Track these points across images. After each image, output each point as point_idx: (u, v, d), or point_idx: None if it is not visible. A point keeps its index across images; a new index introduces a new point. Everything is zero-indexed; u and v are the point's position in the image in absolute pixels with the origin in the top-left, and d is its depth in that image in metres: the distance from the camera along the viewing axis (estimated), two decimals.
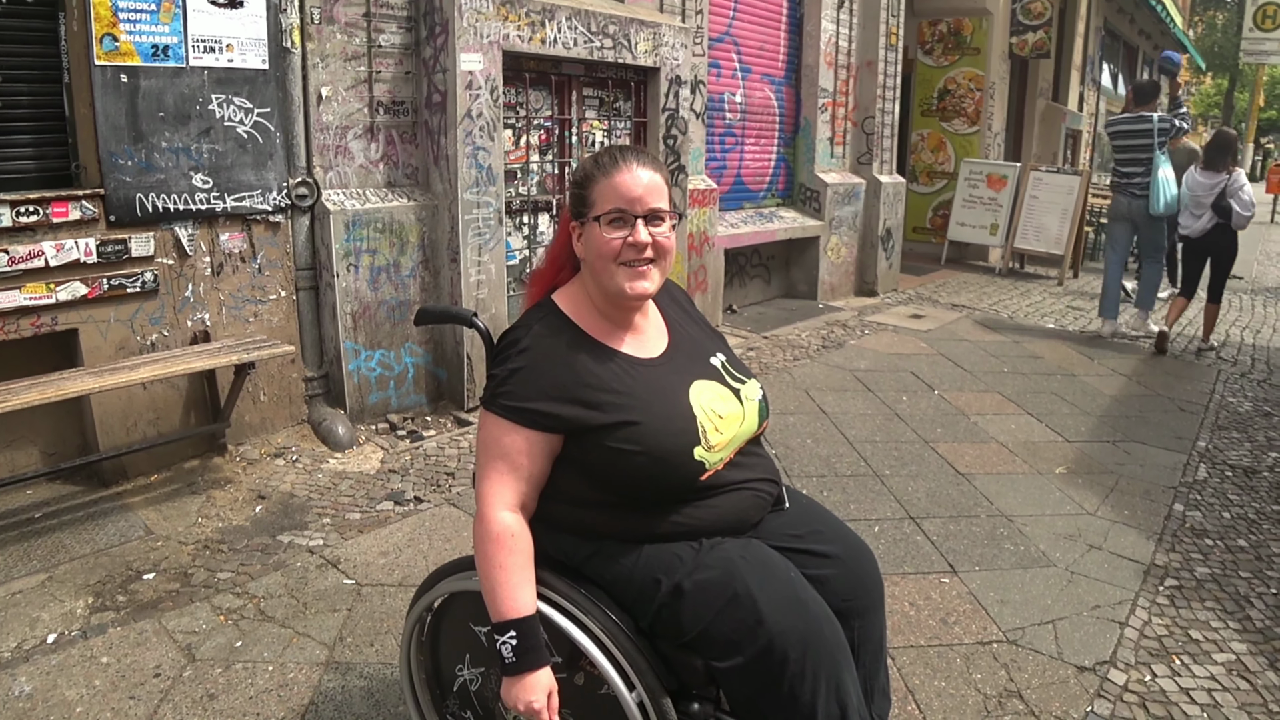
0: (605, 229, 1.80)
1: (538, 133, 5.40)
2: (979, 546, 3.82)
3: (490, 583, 1.70)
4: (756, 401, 1.97)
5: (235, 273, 4.26)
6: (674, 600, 1.72)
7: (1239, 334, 8.51)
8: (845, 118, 8.80)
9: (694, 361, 1.95)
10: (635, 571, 1.77)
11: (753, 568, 1.74)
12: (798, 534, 1.92)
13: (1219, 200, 7.09)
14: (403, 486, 4.11)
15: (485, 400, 1.81)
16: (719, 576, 1.72)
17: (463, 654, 2.01)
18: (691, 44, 6.27)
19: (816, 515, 2.03)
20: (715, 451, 1.82)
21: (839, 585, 1.87)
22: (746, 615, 1.68)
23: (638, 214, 1.80)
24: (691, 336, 2.02)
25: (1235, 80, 36.51)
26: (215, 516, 3.77)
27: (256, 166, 4.22)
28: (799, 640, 1.68)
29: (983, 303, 9.15)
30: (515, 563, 1.71)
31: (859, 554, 1.97)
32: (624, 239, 1.80)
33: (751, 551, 1.79)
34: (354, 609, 3.10)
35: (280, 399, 4.49)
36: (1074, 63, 14.14)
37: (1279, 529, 4.20)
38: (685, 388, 1.86)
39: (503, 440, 1.76)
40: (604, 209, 1.80)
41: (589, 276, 1.88)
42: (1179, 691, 2.91)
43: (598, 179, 1.83)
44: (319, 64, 4.37)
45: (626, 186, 1.80)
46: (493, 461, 1.76)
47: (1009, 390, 6.12)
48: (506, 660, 1.66)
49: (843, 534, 1.99)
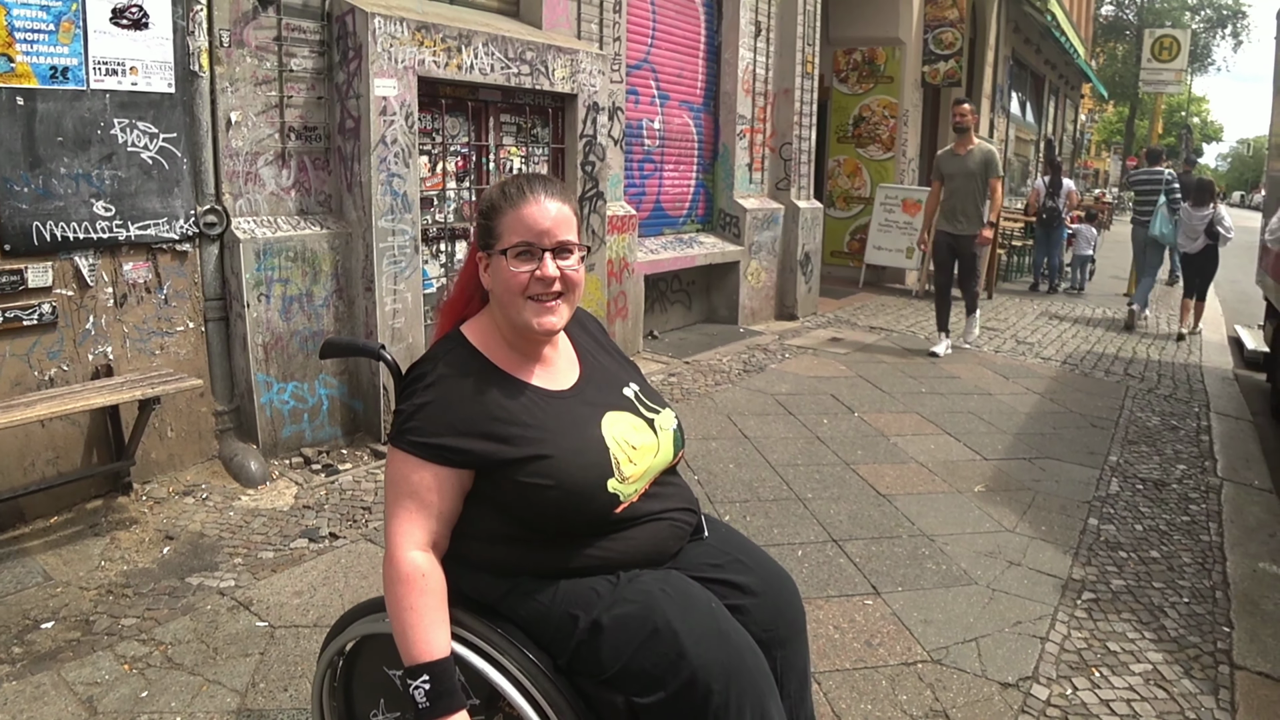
0: (512, 262, 1.76)
1: (454, 159, 5.35)
2: (901, 567, 3.86)
3: (401, 625, 1.64)
4: (671, 431, 1.95)
5: (140, 304, 4.10)
6: (592, 637, 1.68)
7: (1145, 351, 8.83)
8: (763, 144, 8.93)
9: (606, 393, 1.92)
10: (552, 608, 1.73)
11: (673, 600, 1.70)
12: (717, 564, 1.89)
13: (1209, 228, 9.36)
14: (317, 523, 3.98)
15: (392, 436, 1.75)
16: (638, 610, 1.69)
17: (377, 699, 1.94)
18: (609, 71, 6.29)
19: (736, 544, 1.99)
20: (629, 483, 1.79)
21: (760, 615, 1.85)
22: (668, 649, 1.65)
23: (545, 247, 1.76)
24: (603, 367, 2.00)
25: (1135, 108, 38.25)
26: (120, 559, 3.60)
27: (162, 194, 4.08)
28: (722, 672, 1.64)
29: (900, 324, 9.33)
30: (427, 603, 1.65)
31: (779, 582, 1.94)
32: (531, 273, 1.75)
33: (671, 584, 1.75)
34: (267, 653, 2.98)
35: (189, 434, 4.32)
36: (984, 91, 14.61)
37: (1189, 539, 4.34)
38: (597, 419, 1.83)
39: (411, 478, 1.71)
40: (510, 242, 1.76)
41: (497, 309, 1.84)
42: (1099, 704, 2.97)
43: (504, 210, 1.79)
44: (228, 88, 4.25)
45: (534, 219, 1.76)
46: (401, 500, 1.71)
47: (927, 410, 6.23)
48: (420, 706, 1.60)
49: (762, 562, 1.96)
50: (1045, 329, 9.71)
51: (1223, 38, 41.63)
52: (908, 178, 11.82)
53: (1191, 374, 7.97)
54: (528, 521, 1.75)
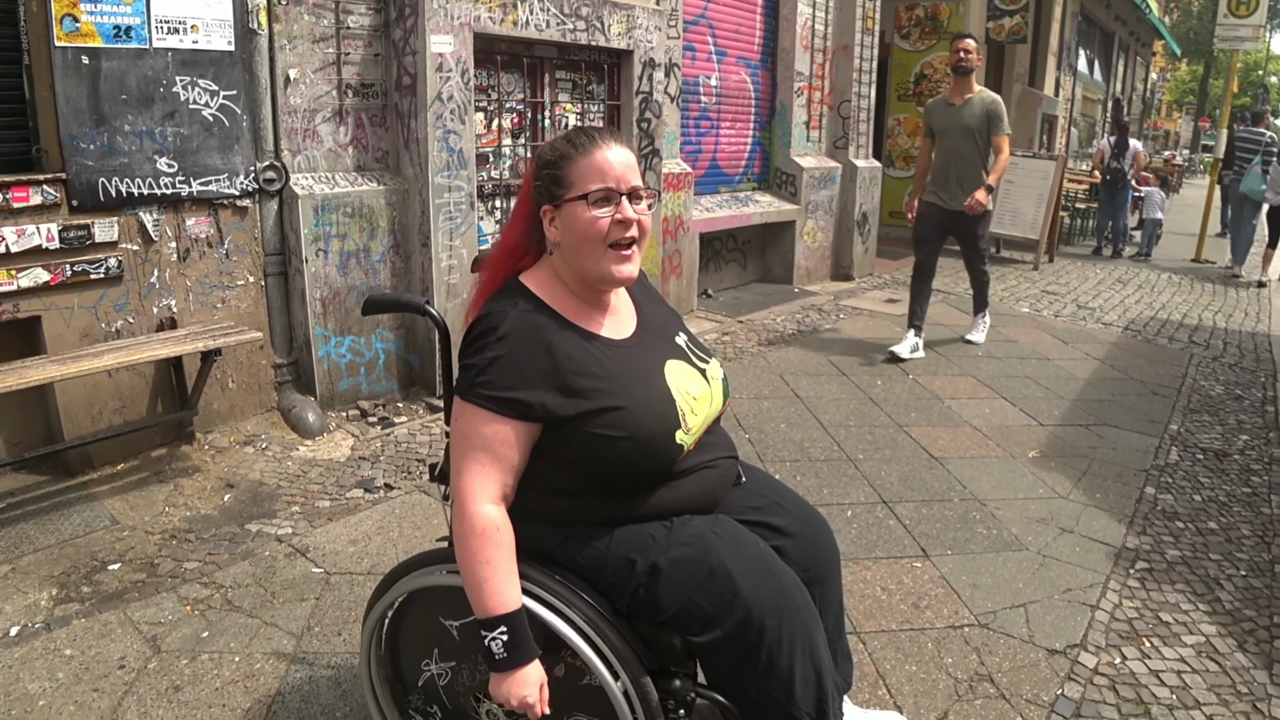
0: (593, 208, 1.74)
1: (510, 116, 5.35)
2: (951, 531, 3.84)
3: (476, 579, 1.65)
4: (720, 381, 1.97)
5: (202, 258, 4.19)
6: (651, 579, 1.72)
7: (1211, 318, 8.59)
8: (821, 102, 8.78)
9: (662, 341, 1.93)
10: (609, 554, 1.75)
11: (725, 542, 1.76)
12: (757, 506, 1.95)
13: None
14: (373, 474, 4.07)
15: (462, 390, 1.73)
16: (694, 553, 1.73)
17: (430, 649, 1.98)
18: (666, 26, 6.22)
19: (772, 488, 2.06)
20: (691, 434, 1.82)
21: (799, 554, 1.92)
22: (723, 589, 1.70)
23: (623, 191, 1.75)
24: (655, 315, 2.00)
25: (1210, 67, 36.81)
26: (183, 505, 3.72)
27: (223, 150, 4.16)
28: (774, 609, 1.71)
29: (958, 287, 9.16)
30: (500, 556, 1.67)
31: (814, 524, 2.02)
32: (611, 218, 1.74)
33: (722, 527, 1.80)
34: (322, 598, 3.07)
35: (249, 386, 4.43)
36: (1050, 48, 14.19)
37: (1248, 511, 4.24)
38: (661, 368, 1.85)
39: (483, 431, 1.70)
40: (588, 188, 1.74)
41: (565, 260, 1.81)
42: (1148, 674, 2.93)
43: (574, 158, 1.76)
44: (286, 46, 4.29)
45: (609, 164, 1.75)
46: (473, 454, 1.71)
47: (983, 374, 6.14)
48: (497, 656, 1.64)
49: (797, 504, 2.04)
50: (1108, 294, 9.47)
51: None
52: None
53: (1259, 342, 7.73)
54: (594, 473, 1.76)
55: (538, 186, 1.82)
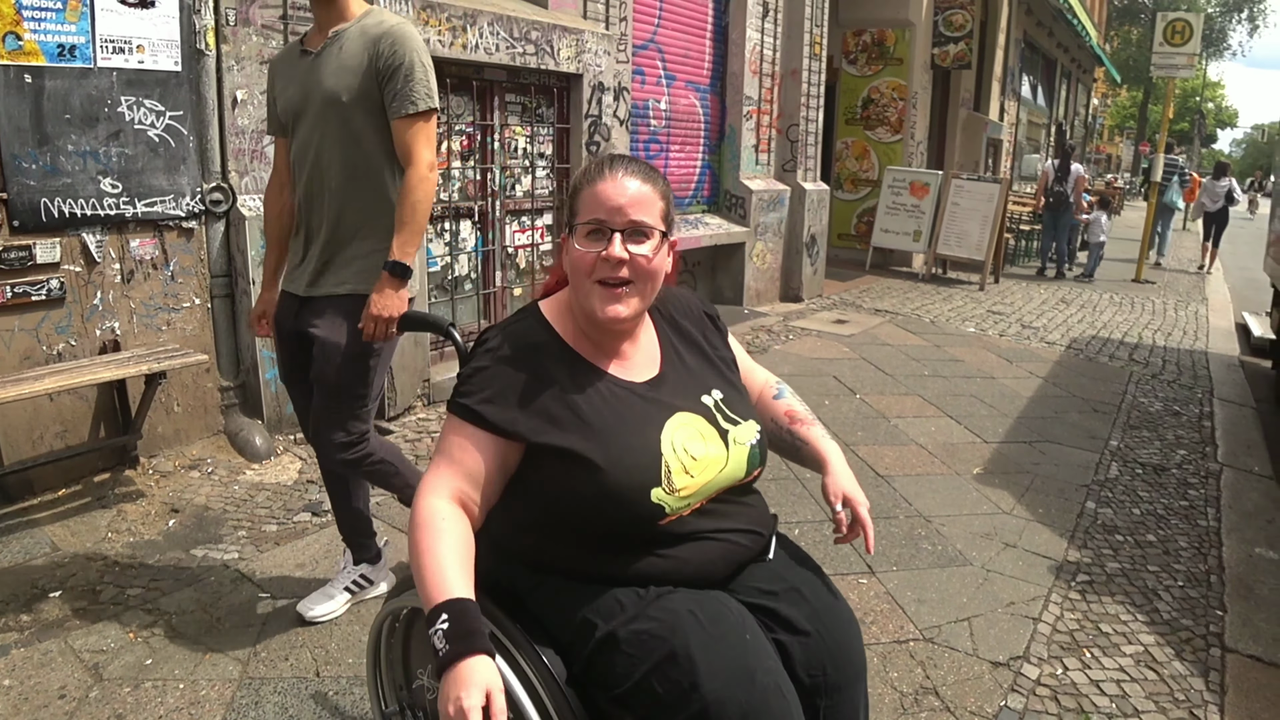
0: (581, 241, 1.66)
1: (459, 139, 5.37)
2: (897, 547, 3.90)
3: (419, 570, 1.52)
4: (748, 446, 1.79)
5: (147, 280, 4.14)
6: (606, 648, 1.56)
7: (1151, 336, 8.82)
8: (770, 125, 8.91)
9: (680, 395, 1.77)
10: (573, 612, 1.62)
11: (700, 625, 1.55)
12: (771, 590, 1.72)
13: (1228, 194, 14.33)
14: (320, 497, 4.03)
15: (448, 402, 1.68)
16: (658, 629, 1.55)
17: (425, 663, 1.90)
18: (615, 51, 6.29)
19: (799, 572, 1.80)
20: (679, 496, 1.64)
21: (808, 655, 1.66)
22: (682, 676, 1.50)
23: (615, 226, 1.64)
24: (687, 367, 1.84)
25: (1149, 93, 37.93)
26: (126, 531, 3.66)
27: (169, 171, 4.12)
28: (738, 713, 1.48)
29: (905, 308, 9.34)
30: (445, 546, 1.53)
31: (838, 622, 1.73)
32: (598, 254, 1.64)
33: (705, 606, 1.60)
34: (269, 623, 3.04)
35: (195, 409, 4.38)
36: (995, 74, 14.55)
37: (1186, 524, 4.37)
38: (661, 421, 1.70)
39: (451, 437, 1.64)
40: (583, 219, 1.67)
41: (572, 291, 1.74)
42: (1089, 684, 3.00)
43: (583, 188, 1.69)
44: (234, 66, 4.27)
45: (607, 195, 1.64)
46: (437, 458, 1.66)
47: (929, 393, 6.25)
48: (439, 650, 1.41)
49: (822, 596, 1.76)
50: (1051, 313, 9.71)
51: (1239, 22, 41.22)
52: (916, 160, 11.79)
53: (1196, 360, 7.97)
54: (563, 515, 1.64)
55: (566, 216, 1.76)
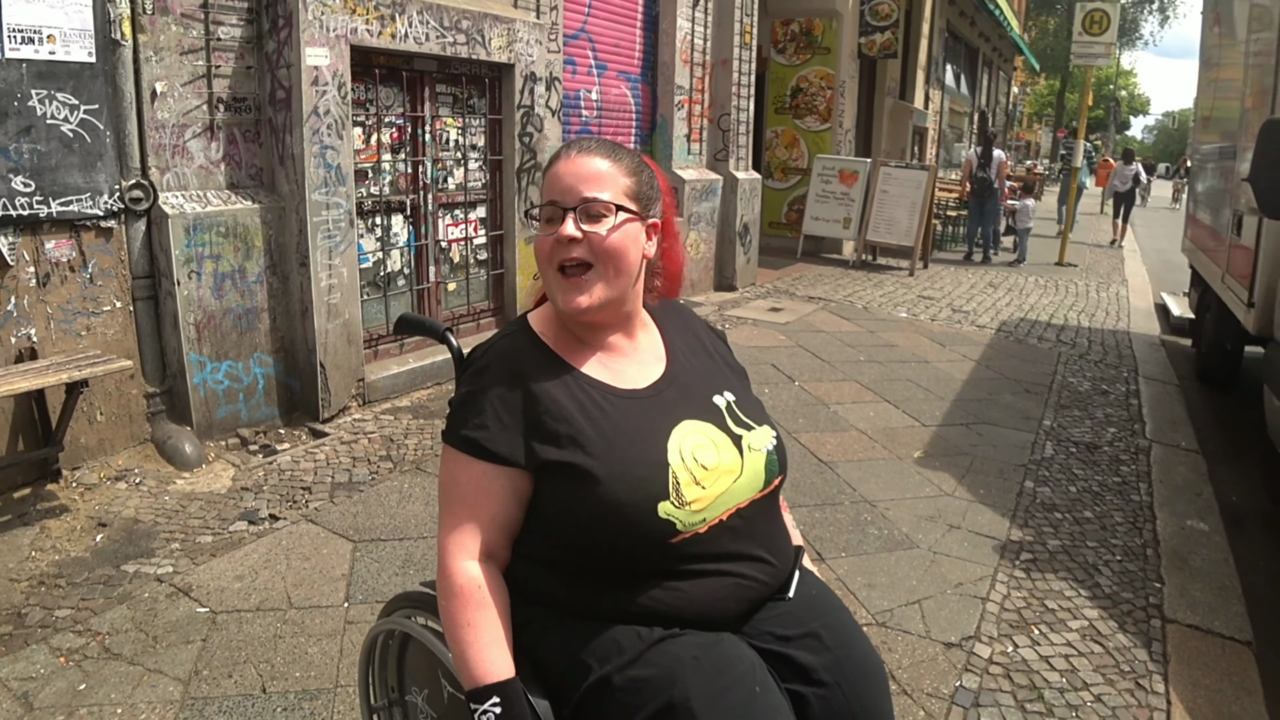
0: (542, 228, 1.56)
1: (389, 131, 5.23)
2: (844, 533, 3.91)
3: (460, 645, 1.45)
4: (764, 453, 1.62)
5: (64, 283, 3.94)
6: (599, 693, 1.45)
7: (1076, 318, 9.03)
8: (701, 115, 8.89)
9: (688, 399, 1.63)
10: (567, 650, 1.50)
11: (704, 675, 1.42)
12: (787, 635, 1.55)
13: (1135, 176, 16.12)
14: (256, 505, 3.89)
15: (444, 432, 1.57)
16: (657, 677, 1.42)
17: (423, 687, 1.80)
18: (546, 40, 6.19)
19: (820, 612, 1.61)
20: (691, 510, 1.49)
21: (826, 708, 1.51)
22: None
23: (568, 205, 1.52)
24: (694, 368, 1.70)
25: (1066, 81, 39.07)
26: (51, 549, 3.47)
27: (85, 168, 3.92)
28: None
29: (838, 294, 9.42)
30: (485, 619, 1.46)
31: (860, 671, 1.56)
32: (553, 237, 1.53)
33: (712, 654, 1.45)
34: (209, 639, 2.91)
35: (119, 418, 4.19)
36: (920, 63, 14.76)
37: (1120, 499, 4.48)
38: (666, 428, 1.55)
39: (459, 478, 1.52)
40: (541, 202, 1.57)
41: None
42: (1039, 660, 3.07)
43: (547, 172, 1.59)
44: (152, 58, 4.08)
45: (560, 174, 1.54)
46: (450, 506, 1.52)
47: (866, 379, 6.30)
48: None
49: (846, 642, 1.58)
50: (980, 297, 9.89)
51: (1150, 13, 42.57)
52: (844, 149, 11.89)
53: (1120, 340, 8.18)
54: (568, 540, 1.51)
55: None
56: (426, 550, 3.53)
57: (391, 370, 5.24)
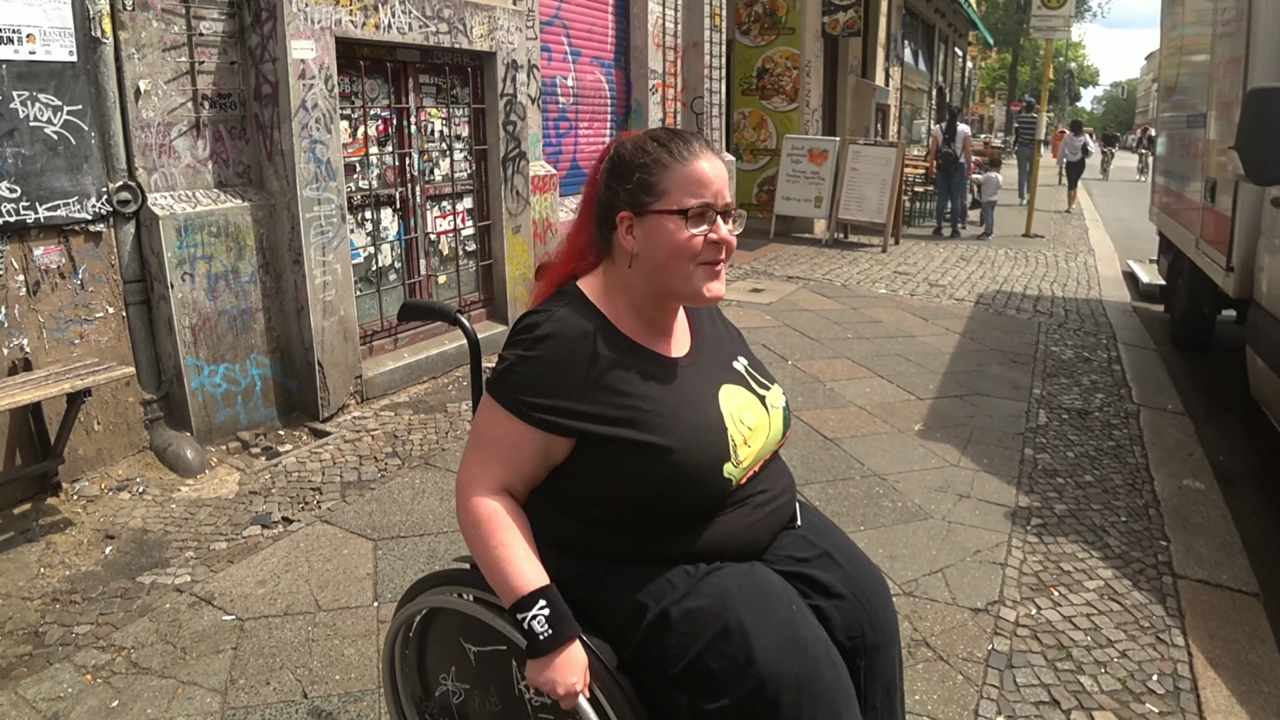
0: (690, 223, 1.60)
1: (375, 123, 5.14)
2: (860, 507, 3.93)
3: (496, 563, 1.54)
4: (781, 410, 1.79)
5: (55, 291, 3.83)
6: (659, 628, 1.56)
7: (1049, 288, 9.14)
8: (675, 99, 8.86)
9: (718, 365, 1.77)
10: (622, 596, 1.60)
11: (749, 599, 1.57)
12: (804, 557, 1.73)
13: (1083, 147, 17.47)
14: (267, 508, 3.82)
15: (491, 384, 1.61)
16: (710, 605, 1.55)
17: (448, 666, 1.86)
18: (525, 27, 6.12)
19: (827, 535, 1.81)
20: (741, 467, 1.64)
21: (844, 619, 1.69)
22: (736, 652, 1.52)
23: (719, 209, 1.62)
24: (713, 336, 1.83)
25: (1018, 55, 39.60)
26: (60, 564, 3.38)
27: (71, 171, 3.80)
28: (794, 683, 1.51)
29: (816, 273, 9.44)
30: (514, 538, 1.56)
31: (870, 583, 1.76)
32: (705, 236, 1.60)
33: (752, 580, 1.61)
34: (240, 646, 2.85)
35: (117, 426, 4.08)
36: (879, 41, 14.82)
37: (1117, 463, 4.55)
38: (714, 393, 1.69)
39: (496, 430, 1.60)
40: (686, 203, 1.60)
41: (641, 273, 1.65)
42: (1062, 620, 3.13)
43: (668, 166, 1.61)
44: (135, 55, 3.97)
45: (708, 178, 1.61)
46: (480, 447, 1.61)
47: (856, 355, 6.33)
48: (541, 636, 1.49)
49: (854, 559, 1.78)
50: (954, 271, 9.97)
51: None
52: (812, 128, 11.92)
53: (1094, 308, 8.29)
54: (628, 502, 1.59)
55: (615, 189, 1.65)
56: (449, 544, 3.49)
57: (388, 366, 5.16)
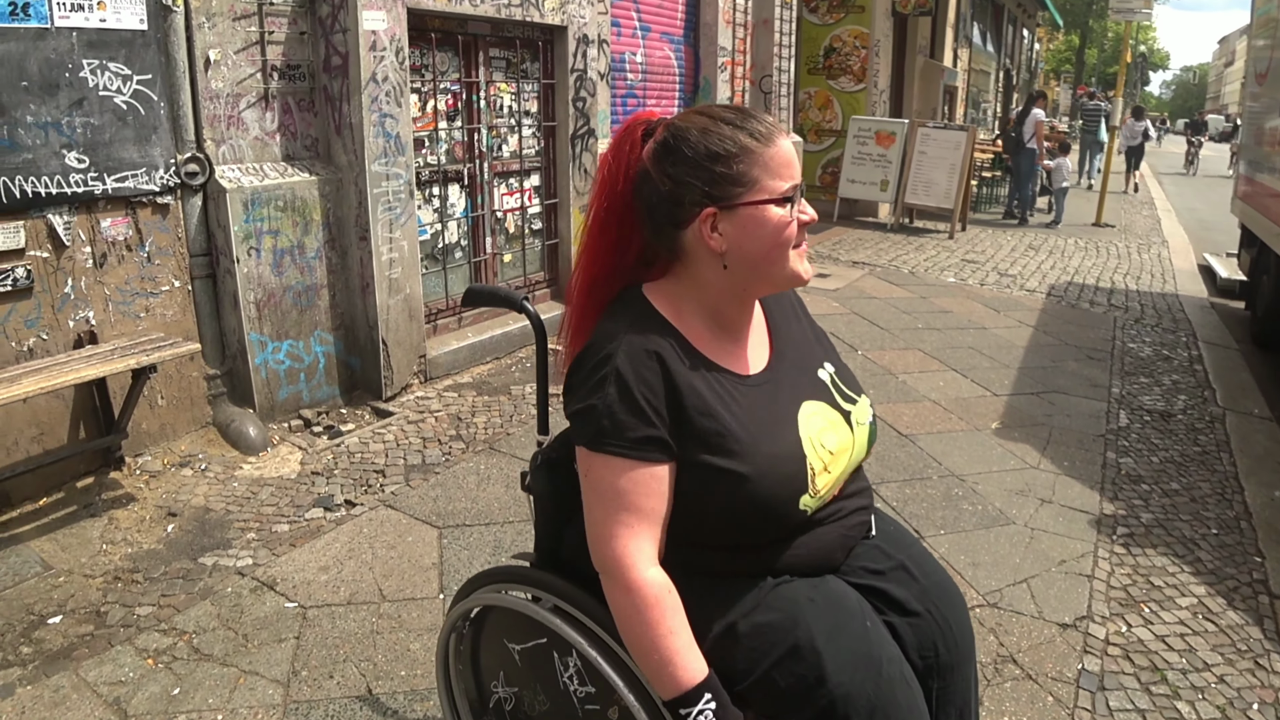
0: (780, 209, 1.46)
1: (445, 98, 5.02)
2: (938, 509, 3.78)
3: (664, 654, 1.40)
4: (868, 426, 1.66)
5: (121, 263, 3.77)
6: (727, 642, 1.47)
7: (1122, 281, 8.82)
8: (744, 77, 8.65)
9: (801, 374, 1.62)
10: (688, 607, 1.48)
11: (821, 614, 1.48)
12: (878, 569, 1.63)
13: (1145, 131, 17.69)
14: (330, 490, 3.75)
15: (587, 440, 1.45)
16: (780, 620, 1.47)
17: (497, 670, 1.81)
18: (596, 1, 5.96)
19: (903, 547, 1.71)
20: (818, 497, 1.52)
21: (918, 637, 1.59)
22: (807, 670, 1.44)
23: (799, 187, 1.50)
24: (796, 339, 1.68)
25: (1086, 37, 38.52)
26: (122, 541, 3.34)
27: (139, 141, 3.74)
28: (866, 705, 1.43)
29: (881, 259, 9.21)
30: (680, 622, 1.42)
31: (947, 599, 1.66)
32: (799, 219, 1.48)
33: (823, 593, 1.52)
34: (303, 636, 2.78)
35: (180, 401, 4.04)
36: (949, 20, 14.42)
37: (1204, 470, 4.35)
38: (794, 413, 1.54)
39: (622, 484, 1.43)
40: (779, 188, 1.45)
41: (735, 272, 1.50)
42: (1155, 639, 2.97)
43: (754, 150, 1.45)
44: (205, 24, 3.88)
45: (791, 157, 1.48)
46: (617, 515, 1.43)
47: (928, 346, 6.13)
48: None
49: (930, 573, 1.68)
50: (1024, 260, 9.67)
51: None
52: (879, 109, 11.63)
53: (1171, 303, 7.98)
54: (692, 527, 1.49)
55: (685, 182, 1.46)
56: (515, 535, 3.39)
57: (451, 346, 5.07)
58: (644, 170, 1.50)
